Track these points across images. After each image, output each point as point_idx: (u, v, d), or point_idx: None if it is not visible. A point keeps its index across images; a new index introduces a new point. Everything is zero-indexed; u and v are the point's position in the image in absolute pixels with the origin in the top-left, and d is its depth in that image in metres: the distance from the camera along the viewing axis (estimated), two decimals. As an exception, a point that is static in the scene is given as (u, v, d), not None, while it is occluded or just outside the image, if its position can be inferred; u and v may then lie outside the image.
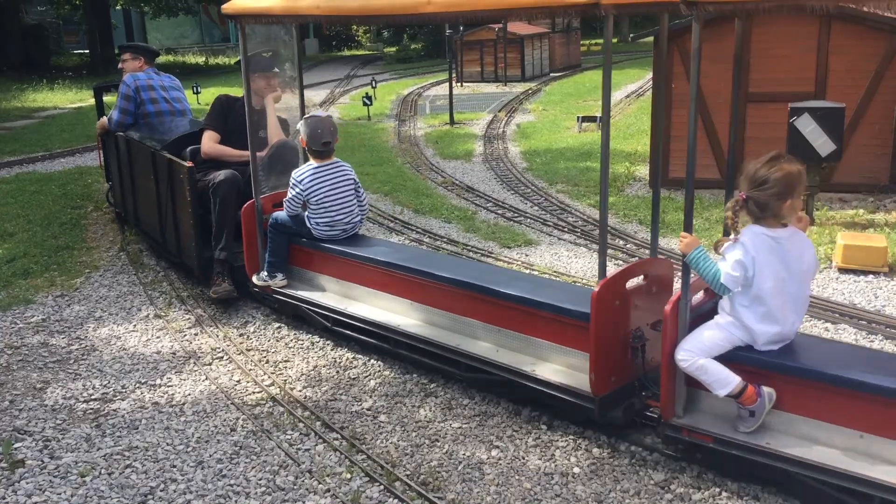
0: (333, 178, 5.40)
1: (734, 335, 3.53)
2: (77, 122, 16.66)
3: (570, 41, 28.04)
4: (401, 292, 4.91)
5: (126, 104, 7.12)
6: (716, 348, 3.51)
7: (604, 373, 3.79)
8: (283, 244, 5.57)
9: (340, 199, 5.41)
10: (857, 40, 8.34)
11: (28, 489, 3.71)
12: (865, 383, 3.19)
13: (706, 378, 3.50)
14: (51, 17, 38.38)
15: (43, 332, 5.66)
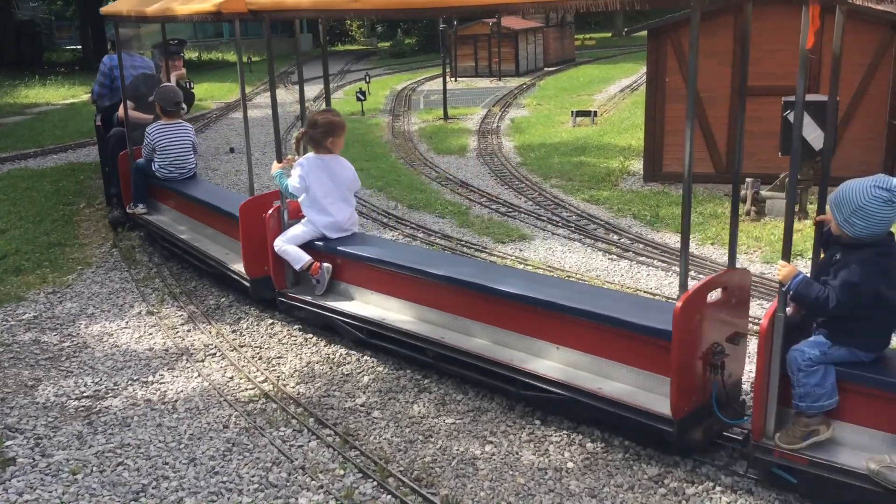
0: (175, 133, 7.10)
1: (308, 229, 5.24)
2: (69, 118, 16.59)
3: (565, 35, 28.02)
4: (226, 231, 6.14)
5: (102, 79, 8.40)
6: (298, 239, 5.21)
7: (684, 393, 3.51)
8: (143, 183, 7.33)
9: (179, 149, 7.08)
10: (850, 34, 8.31)
11: (19, 487, 3.69)
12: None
13: (288, 257, 5.19)
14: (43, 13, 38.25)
15: (34, 330, 5.63)
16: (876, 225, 3.13)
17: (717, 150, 9.06)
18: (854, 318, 3.20)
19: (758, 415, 3.37)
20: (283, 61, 32.62)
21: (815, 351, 3.25)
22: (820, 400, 3.24)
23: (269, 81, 5.58)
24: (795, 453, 3.26)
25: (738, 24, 8.67)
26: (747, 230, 7.21)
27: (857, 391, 3.25)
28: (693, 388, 3.57)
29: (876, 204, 3.11)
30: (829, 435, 3.27)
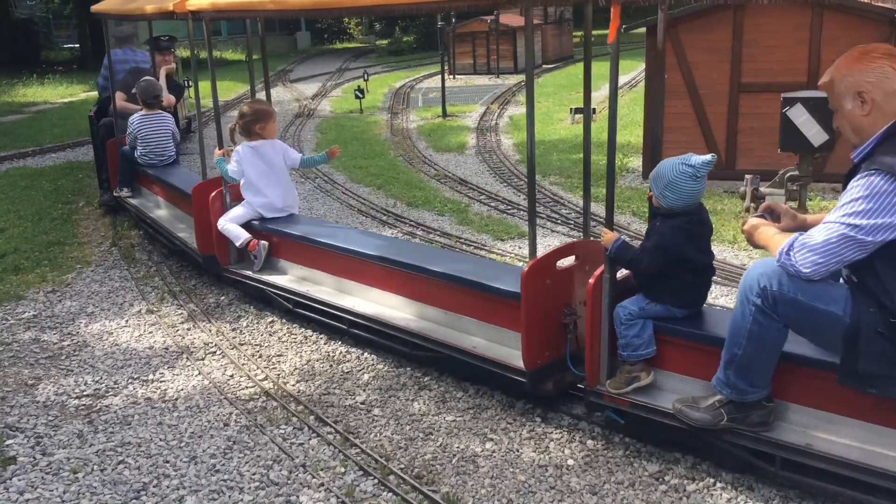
0: (155, 123, 7.60)
1: (247, 209, 5.75)
2: (68, 116, 16.57)
3: (563, 33, 28.01)
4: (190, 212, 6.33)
5: (105, 72, 8.92)
6: (238, 219, 5.73)
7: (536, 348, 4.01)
8: (127, 168, 7.89)
9: (159, 138, 7.60)
10: (849, 30, 8.33)
11: (20, 486, 3.69)
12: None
13: (230, 235, 5.71)
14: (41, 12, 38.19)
15: (34, 329, 5.63)
16: (684, 197, 3.59)
17: (717, 146, 9.07)
18: (666, 278, 3.64)
19: (591, 364, 3.80)
20: (282, 59, 32.62)
21: (634, 307, 3.70)
22: (639, 349, 3.70)
23: (212, 80, 6.07)
24: (621, 397, 3.72)
25: (738, 20, 8.68)
26: (746, 227, 7.21)
27: (672, 342, 3.70)
28: (544, 344, 4.03)
29: (683, 179, 3.57)
30: (649, 380, 3.73)
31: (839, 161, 8.48)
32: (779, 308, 3.11)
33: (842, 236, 2.92)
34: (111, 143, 8.23)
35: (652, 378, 3.73)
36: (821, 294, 3.06)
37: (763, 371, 3.28)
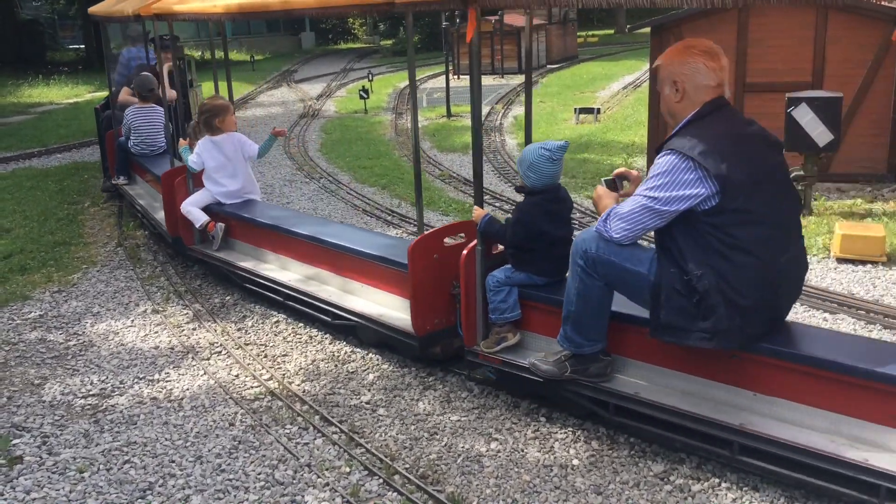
0: (148, 116, 8.14)
1: (206, 195, 6.34)
2: (73, 117, 16.62)
3: (567, 33, 27.99)
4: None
5: (120, 69, 9.56)
6: (198, 203, 6.30)
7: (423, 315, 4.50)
8: (123, 157, 8.56)
9: (151, 130, 8.10)
10: (853, 29, 8.32)
11: (26, 485, 3.70)
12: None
13: (191, 217, 6.27)
14: (46, 13, 38.28)
15: (40, 329, 5.65)
16: (544, 177, 4.09)
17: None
18: (527, 250, 4.10)
19: (467, 327, 4.28)
20: (286, 60, 32.67)
21: (501, 275, 4.17)
22: (505, 313, 4.16)
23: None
24: (492, 355, 4.18)
25: (742, 20, 8.67)
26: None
27: (534, 307, 4.16)
28: (433, 312, 4.49)
29: (542, 161, 4.06)
30: (516, 340, 4.21)
31: (844, 161, 8.48)
32: (598, 268, 3.61)
33: (643, 207, 3.41)
34: (109, 133, 8.96)
35: (518, 338, 4.22)
36: (630, 256, 3.56)
37: (593, 326, 3.76)
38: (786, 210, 3.43)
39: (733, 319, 3.31)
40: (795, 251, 3.47)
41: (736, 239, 3.28)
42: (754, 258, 3.28)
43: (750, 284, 3.29)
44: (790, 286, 3.53)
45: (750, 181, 3.27)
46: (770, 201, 3.33)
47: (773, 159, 3.44)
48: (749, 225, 3.28)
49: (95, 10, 8.15)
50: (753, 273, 3.29)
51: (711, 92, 3.41)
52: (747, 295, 3.29)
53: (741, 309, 3.30)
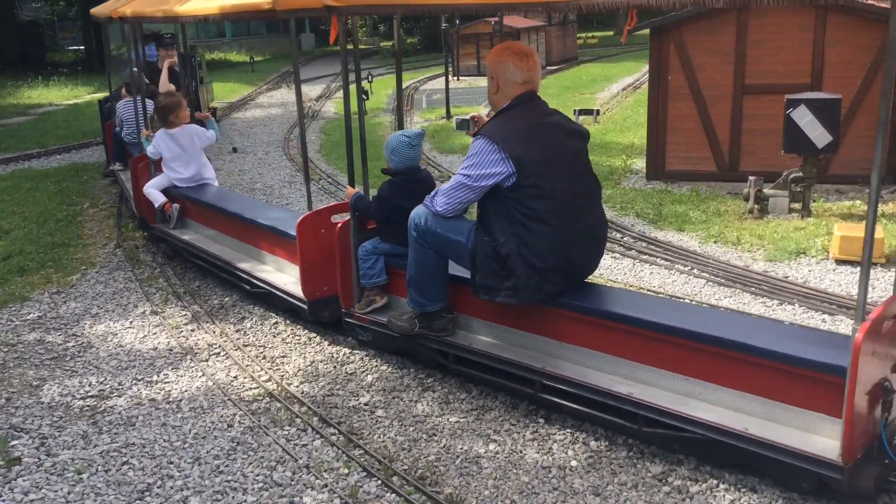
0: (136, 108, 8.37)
1: (164, 180, 7.04)
2: (73, 118, 16.62)
3: (567, 34, 28.00)
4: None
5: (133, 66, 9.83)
6: (157, 185, 7.02)
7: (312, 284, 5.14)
8: (119, 146, 9.33)
9: (139, 121, 8.17)
10: (853, 31, 8.32)
11: (24, 487, 3.70)
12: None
13: (151, 198, 7.01)
14: (45, 14, 38.28)
15: (39, 330, 5.65)
16: (404, 160, 4.72)
17: (720, 147, 9.06)
18: (391, 223, 4.66)
19: (342, 292, 4.94)
20: (286, 61, 32.66)
21: (370, 245, 4.81)
22: (373, 278, 4.81)
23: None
24: (363, 316, 4.82)
25: (741, 21, 8.67)
26: (750, 228, 7.21)
27: (397, 273, 4.72)
28: (322, 280, 5.11)
29: (402, 147, 4.70)
30: (383, 303, 4.85)
31: (843, 162, 8.49)
32: (427, 239, 4.24)
33: (459, 184, 4.01)
34: (109, 123, 9.91)
35: (386, 301, 4.87)
36: (452, 227, 4.17)
37: (432, 288, 4.38)
38: (577, 187, 4.02)
39: (531, 279, 3.90)
40: (589, 221, 4.08)
41: (532, 210, 3.86)
42: (548, 227, 3.87)
43: (545, 249, 3.88)
44: (585, 251, 4.11)
45: (543, 162, 3.87)
46: (562, 179, 3.94)
47: (570, 145, 4.04)
48: (543, 199, 3.87)
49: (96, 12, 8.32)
50: (548, 240, 3.88)
51: (520, 87, 4.00)
52: (543, 258, 3.88)
53: (538, 270, 3.89)
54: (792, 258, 6.45)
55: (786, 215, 7.57)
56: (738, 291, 5.82)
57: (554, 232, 3.88)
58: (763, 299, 5.64)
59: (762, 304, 5.56)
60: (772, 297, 5.65)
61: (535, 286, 3.91)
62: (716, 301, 5.65)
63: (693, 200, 8.34)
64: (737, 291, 5.82)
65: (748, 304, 5.59)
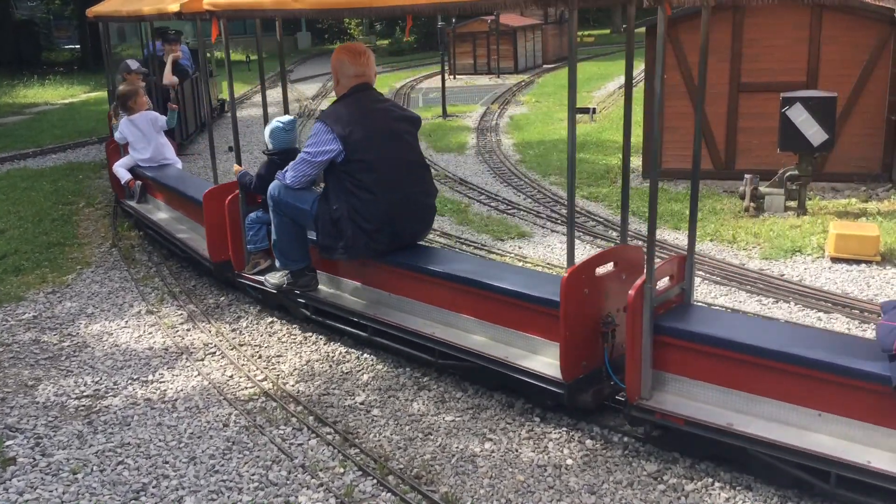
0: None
1: (129, 160, 7.85)
2: (68, 118, 16.58)
3: (563, 33, 27.97)
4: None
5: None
6: (124, 164, 7.84)
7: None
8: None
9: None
10: (848, 30, 8.33)
11: (19, 487, 3.70)
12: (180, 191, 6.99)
13: (119, 175, 7.86)
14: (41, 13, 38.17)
15: (34, 329, 5.63)
16: (280, 143, 5.41)
17: (716, 146, 9.07)
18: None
19: (234, 256, 5.73)
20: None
21: (254, 215, 5.55)
22: (257, 244, 5.59)
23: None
24: (250, 276, 5.62)
25: (737, 20, 8.67)
26: (746, 226, 7.22)
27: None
28: (222, 246, 5.79)
29: (278, 131, 5.42)
30: (266, 265, 5.58)
31: (839, 160, 8.50)
32: (281, 208, 5.00)
33: (302, 160, 4.80)
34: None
35: (269, 263, 5.53)
36: (300, 197, 4.92)
37: (293, 250, 5.16)
38: (401, 162, 4.76)
39: (359, 239, 4.68)
40: (411, 191, 4.80)
41: (360, 181, 4.64)
42: (373, 195, 4.64)
43: (371, 214, 4.64)
44: (409, 216, 4.83)
45: (367, 141, 4.62)
46: (385, 156, 4.68)
47: (396, 127, 4.81)
48: (368, 171, 4.64)
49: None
50: (373, 206, 4.64)
51: (354, 80, 4.79)
52: (369, 221, 4.65)
53: (366, 231, 4.67)
54: (787, 256, 6.45)
55: (781, 213, 7.58)
56: (734, 290, 5.82)
57: (378, 199, 4.65)
58: (759, 297, 5.64)
59: (757, 302, 5.57)
60: (767, 296, 5.65)
61: (363, 245, 4.71)
62: (711, 300, 5.65)
63: (689, 198, 8.34)
64: (733, 290, 5.83)
65: (744, 302, 5.60)
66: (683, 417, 3.53)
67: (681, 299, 3.93)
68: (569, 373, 3.85)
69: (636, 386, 3.66)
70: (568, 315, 3.79)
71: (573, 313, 3.81)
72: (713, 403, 3.57)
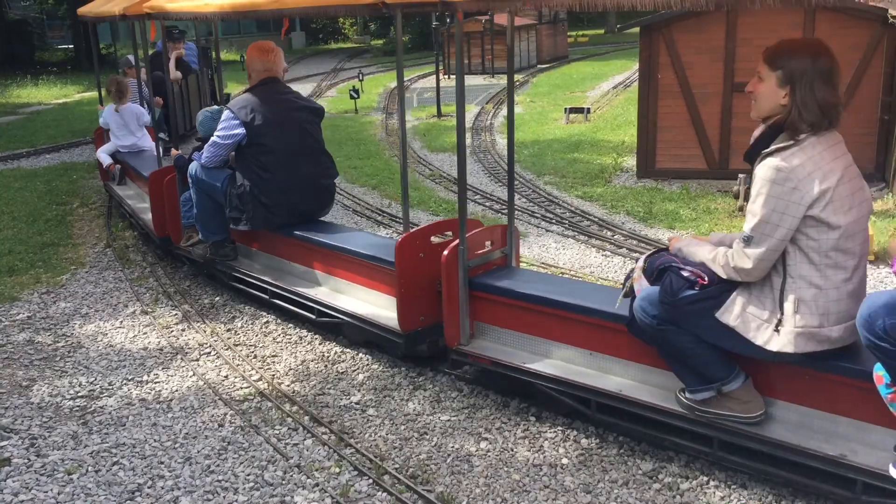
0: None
1: (111, 146, 8.60)
2: (62, 118, 16.54)
3: (558, 32, 28.03)
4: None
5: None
6: (106, 150, 8.58)
7: None
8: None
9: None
10: (841, 30, 8.36)
11: (14, 488, 3.69)
12: None
13: (101, 159, 8.71)
14: (34, 13, 38.07)
15: (28, 330, 5.62)
16: (208, 130, 5.78)
17: (710, 145, 9.09)
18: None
19: (172, 231, 6.42)
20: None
21: (187, 195, 6.03)
22: (189, 219, 6.14)
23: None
24: (184, 247, 6.32)
25: (731, 19, 8.70)
26: (740, 226, 7.20)
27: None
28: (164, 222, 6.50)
29: (207, 120, 5.93)
30: (199, 238, 6.09)
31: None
32: (198, 184, 5.73)
33: (213, 143, 5.53)
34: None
35: (201, 236, 6.05)
36: (213, 176, 5.64)
37: (212, 223, 5.84)
38: (299, 147, 5.48)
39: (259, 212, 5.43)
40: (308, 172, 5.52)
41: (260, 162, 5.39)
42: (272, 174, 5.39)
43: (269, 190, 5.39)
44: (306, 195, 5.55)
45: (267, 127, 5.34)
46: (283, 139, 5.40)
47: (297, 116, 5.52)
48: (267, 154, 5.38)
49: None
50: (272, 184, 5.38)
51: (262, 74, 5.50)
52: (268, 196, 5.40)
53: (265, 206, 5.41)
54: (781, 255, 6.46)
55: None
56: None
57: (276, 178, 5.39)
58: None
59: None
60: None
61: (262, 218, 5.46)
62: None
63: (683, 198, 8.36)
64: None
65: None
66: (490, 359, 4.22)
67: (504, 262, 4.62)
68: (406, 325, 4.51)
69: (454, 333, 4.33)
70: (402, 274, 4.44)
71: (407, 273, 4.46)
72: (514, 346, 4.27)
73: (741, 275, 3.21)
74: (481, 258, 4.43)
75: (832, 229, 3.05)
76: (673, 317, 3.34)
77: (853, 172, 3.16)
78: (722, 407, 3.40)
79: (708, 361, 3.37)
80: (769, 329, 3.17)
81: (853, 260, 3.18)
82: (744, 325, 3.21)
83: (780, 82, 3.10)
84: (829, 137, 3.11)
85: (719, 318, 3.25)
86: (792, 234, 3.08)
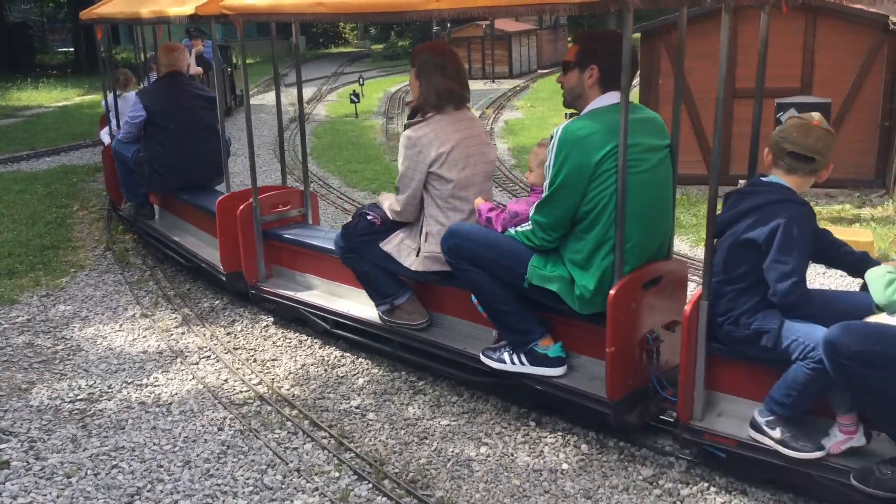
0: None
1: (107, 131, 8.95)
2: (62, 120, 16.54)
3: (558, 37, 28.08)
4: None
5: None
6: (107, 132, 8.55)
7: None
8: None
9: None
10: (842, 35, 8.38)
11: (13, 491, 3.68)
12: None
13: (102, 139, 8.88)
14: (35, 15, 38.11)
15: (28, 333, 5.61)
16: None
17: (711, 151, 9.09)
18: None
19: (114, 197, 7.79)
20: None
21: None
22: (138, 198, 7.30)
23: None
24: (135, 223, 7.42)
25: (732, 25, 8.70)
26: (741, 231, 7.22)
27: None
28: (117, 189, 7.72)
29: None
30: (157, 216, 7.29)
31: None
32: (117, 156, 7.07)
33: (125, 122, 6.84)
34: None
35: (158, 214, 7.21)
36: (127, 149, 6.84)
37: (130, 188, 7.13)
38: (191, 126, 6.57)
39: (154, 179, 6.69)
40: (199, 148, 6.60)
41: (157, 138, 6.60)
42: (165, 148, 6.58)
43: (162, 162, 6.61)
44: (197, 167, 6.66)
45: (163, 111, 6.56)
46: (179, 121, 6.55)
47: (191, 103, 6.68)
48: (163, 131, 6.58)
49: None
50: (164, 157, 6.59)
51: (168, 68, 6.72)
52: (163, 166, 6.62)
53: (160, 174, 6.64)
54: (782, 261, 6.46)
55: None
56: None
57: (169, 152, 6.58)
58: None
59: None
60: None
61: (158, 184, 6.74)
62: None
63: (684, 204, 8.37)
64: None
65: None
66: (272, 292, 5.37)
67: (302, 219, 5.81)
68: (227, 267, 5.67)
69: (252, 273, 5.50)
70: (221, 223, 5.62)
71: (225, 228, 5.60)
72: (299, 283, 5.42)
73: (397, 215, 4.36)
74: (277, 215, 5.65)
75: (448, 182, 4.15)
76: (353, 247, 4.49)
77: (471, 142, 4.22)
78: (397, 317, 4.49)
79: (382, 281, 4.45)
80: (413, 255, 4.25)
81: (469, 205, 4.22)
82: (398, 252, 4.30)
83: (414, 76, 4.23)
84: (454, 116, 4.20)
85: (382, 247, 4.34)
86: (423, 185, 4.18)
